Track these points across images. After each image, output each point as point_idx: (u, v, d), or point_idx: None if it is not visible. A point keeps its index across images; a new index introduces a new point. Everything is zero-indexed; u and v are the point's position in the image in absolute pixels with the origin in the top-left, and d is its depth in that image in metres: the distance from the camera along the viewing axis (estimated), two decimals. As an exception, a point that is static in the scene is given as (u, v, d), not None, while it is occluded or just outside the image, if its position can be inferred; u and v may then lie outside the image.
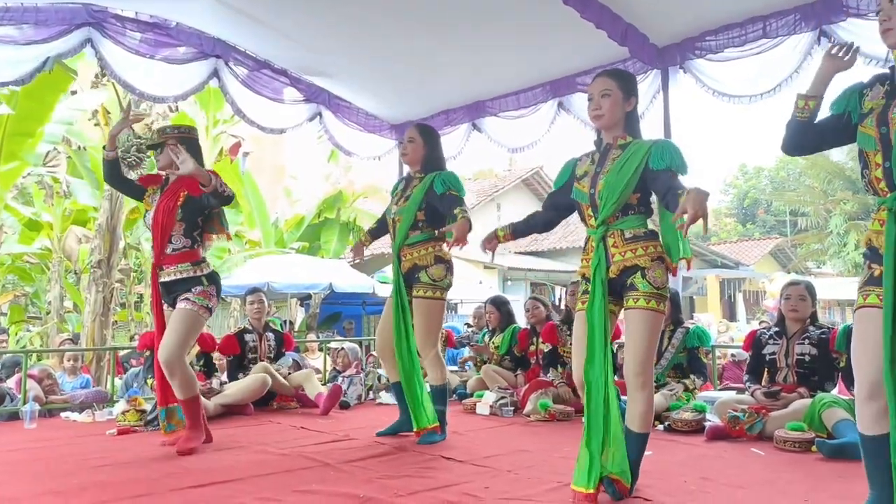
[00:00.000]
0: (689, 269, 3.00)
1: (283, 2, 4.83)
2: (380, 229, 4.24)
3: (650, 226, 2.75)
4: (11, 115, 8.13)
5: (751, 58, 4.38)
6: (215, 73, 5.43)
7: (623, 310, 2.72)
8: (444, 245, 3.83)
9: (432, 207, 3.81)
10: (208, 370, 5.22)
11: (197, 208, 3.69)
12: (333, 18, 5.00)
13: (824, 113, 2.33)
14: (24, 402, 4.72)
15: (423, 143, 3.96)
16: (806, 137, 2.36)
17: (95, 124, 9.30)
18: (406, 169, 4.20)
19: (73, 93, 9.57)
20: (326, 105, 6.19)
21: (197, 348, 5.15)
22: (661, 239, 2.74)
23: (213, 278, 3.76)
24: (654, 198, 2.77)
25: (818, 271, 24.89)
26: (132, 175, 8.52)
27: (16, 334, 12.66)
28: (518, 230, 3.08)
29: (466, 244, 3.41)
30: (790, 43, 4.21)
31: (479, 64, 5.53)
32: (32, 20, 4.58)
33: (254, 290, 5.82)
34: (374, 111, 6.48)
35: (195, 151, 3.74)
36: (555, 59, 5.33)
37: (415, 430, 3.85)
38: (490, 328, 6.02)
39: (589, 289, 2.69)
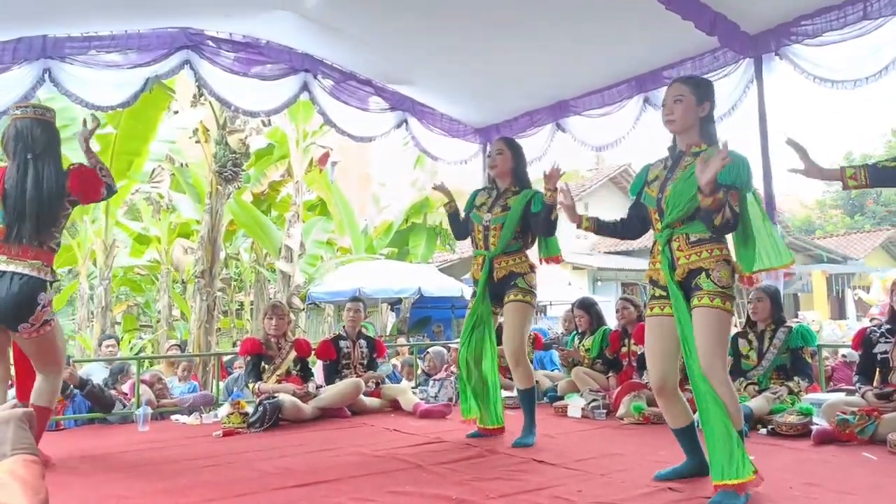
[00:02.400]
0: (788, 277, 2.92)
1: (364, 13, 4.95)
2: (462, 227, 4.27)
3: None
4: (118, 135, 8.69)
5: (852, 41, 4.15)
6: (305, 87, 5.63)
7: (691, 310, 2.67)
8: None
9: (527, 222, 3.92)
10: (304, 375, 5.39)
11: None
12: (413, 27, 5.08)
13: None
14: (138, 406, 5.02)
15: (511, 155, 4.06)
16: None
17: (196, 142, 9.80)
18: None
19: (175, 112, 10.14)
20: (411, 112, 6.29)
21: (294, 353, 5.33)
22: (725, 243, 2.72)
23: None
24: None
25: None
26: (230, 189, 8.94)
27: (129, 342, 13.50)
28: (602, 227, 3.13)
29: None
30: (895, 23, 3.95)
31: (561, 63, 5.48)
32: (136, 46, 4.91)
33: (353, 300, 6.04)
34: (457, 116, 6.54)
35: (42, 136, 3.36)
36: (640, 54, 5.22)
37: (481, 426, 4.08)
38: (580, 331, 5.94)
39: (657, 294, 2.76)
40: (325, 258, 13.85)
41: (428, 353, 6.81)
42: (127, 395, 5.46)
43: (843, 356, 6.88)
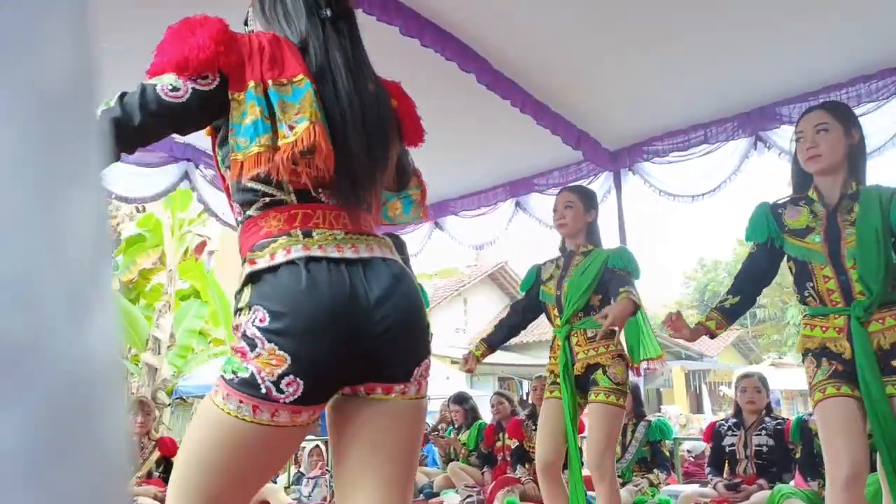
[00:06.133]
0: (661, 365, 3.20)
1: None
2: None
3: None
4: None
5: (693, 160, 4.71)
6: (186, 176, 5.59)
7: (587, 404, 2.90)
8: None
9: None
10: (168, 477, 5.06)
11: None
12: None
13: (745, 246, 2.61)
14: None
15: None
16: (752, 295, 2.55)
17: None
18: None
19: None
20: (294, 205, 6.34)
21: (157, 453, 5.02)
22: (622, 338, 2.97)
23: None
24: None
25: (780, 362, 25.28)
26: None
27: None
28: (494, 343, 3.24)
29: None
30: (729, 148, 4.54)
31: (442, 165, 5.76)
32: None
33: None
34: (342, 210, 6.66)
35: None
36: (513, 162, 5.61)
37: None
38: (456, 426, 6.01)
39: (556, 381, 2.93)
40: (197, 349, 13.24)
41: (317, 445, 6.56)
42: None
43: (689, 451, 6.96)
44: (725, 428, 4.34)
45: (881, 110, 3.98)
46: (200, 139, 5.55)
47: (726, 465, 4.28)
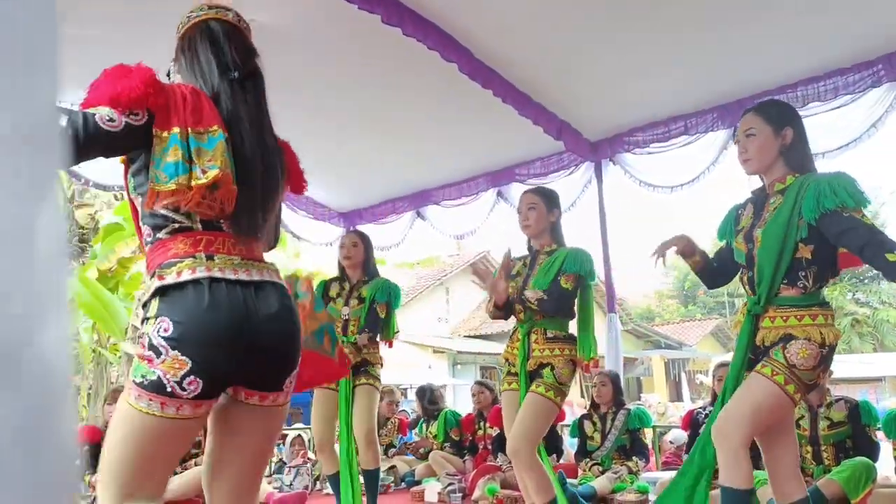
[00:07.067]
0: (596, 369, 3.47)
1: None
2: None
3: (569, 329, 3.08)
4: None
5: (673, 151, 4.75)
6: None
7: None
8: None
9: (374, 311, 3.92)
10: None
11: None
12: (276, 107, 5.19)
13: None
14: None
15: (364, 248, 4.07)
16: (715, 276, 2.69)
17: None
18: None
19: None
20: (275, 194, 6.31)
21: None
22: (577, 340, 3.05)
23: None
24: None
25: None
26: (73, 265, 8.40)
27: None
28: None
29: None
30: (708, 139, 4.59)
31: (424, 155, 5.78)
32: None
33: None
34: (321, 200, 6.64)
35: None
36: (495, 151, 5.63)
37: None
38: (425, 418, 6.09)
39: (512, 371, 3.07)
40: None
41: (299, 435, 6.62)
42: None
43: (671, 442, 7.06)
44: (703, 416, 4.40)
45: (856, 103, 4.05)
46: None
47: (703, 451, 4.34)
